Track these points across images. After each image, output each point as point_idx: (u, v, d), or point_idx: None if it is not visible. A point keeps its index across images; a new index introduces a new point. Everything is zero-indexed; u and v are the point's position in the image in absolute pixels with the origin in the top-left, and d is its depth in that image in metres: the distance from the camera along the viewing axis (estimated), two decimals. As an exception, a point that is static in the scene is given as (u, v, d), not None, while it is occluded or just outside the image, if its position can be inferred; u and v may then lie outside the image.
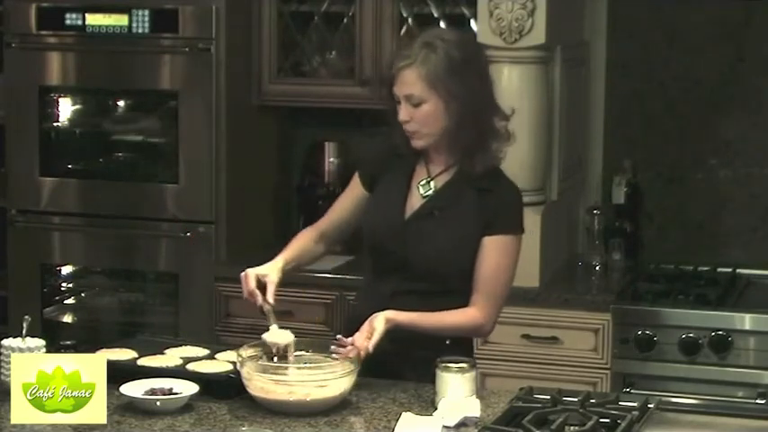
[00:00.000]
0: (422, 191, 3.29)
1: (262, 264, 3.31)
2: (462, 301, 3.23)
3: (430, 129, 3.18)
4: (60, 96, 4.97)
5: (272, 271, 3.25)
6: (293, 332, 3.16)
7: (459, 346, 3.25)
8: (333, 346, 3.11)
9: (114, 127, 5.01)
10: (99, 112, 5.03)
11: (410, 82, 3.15)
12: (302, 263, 3.41)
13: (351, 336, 3.12)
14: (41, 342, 3.08)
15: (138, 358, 3.25)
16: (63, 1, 4.83)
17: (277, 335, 3.12)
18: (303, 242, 3.42)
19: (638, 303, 4.31)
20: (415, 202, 3.28)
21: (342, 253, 4.51)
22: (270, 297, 3.21)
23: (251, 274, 3.23)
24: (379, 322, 3.10)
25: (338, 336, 3.13)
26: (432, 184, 3.28)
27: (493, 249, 3.22)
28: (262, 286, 3.22)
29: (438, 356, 3.06)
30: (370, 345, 3.06)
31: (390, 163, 3.34)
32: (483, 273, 3.22)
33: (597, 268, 4.66)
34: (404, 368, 3.23)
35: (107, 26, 4.79)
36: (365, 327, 3.10)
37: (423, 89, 3.14)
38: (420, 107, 3.16)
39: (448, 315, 3.22)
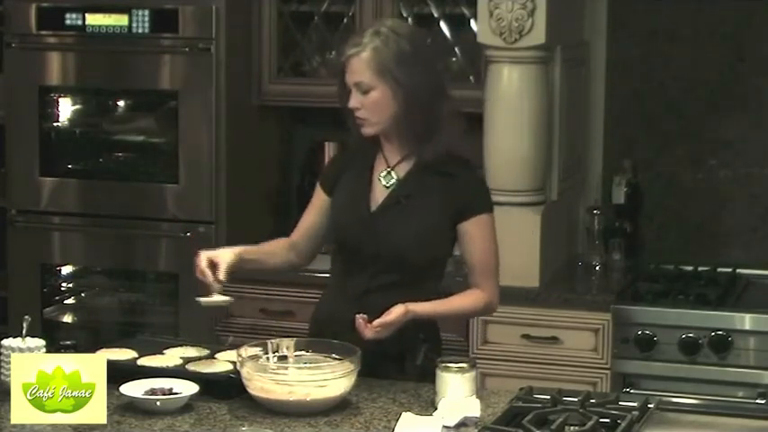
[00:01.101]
0: (384, 182, 3.34)
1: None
2: (433, 288, 3.29)
3: (378, 116, 3.26)
4: (60, 96, 4.97)
5: (225, 252, 3.31)
6: (294, 333, 3.16)
7: (431, 339, 3.34)
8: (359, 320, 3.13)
9: (114, 127, 5.01)
10: (99, 112, 5.04)
11: (360, 69, 3.23)
12: (266, 262, 3.48)
13: (317, 335, 3.22)
14: (41, 342, 3.08)
15: (138, 358, 3.25)
16: (63, 1, 4.83)
17: (214, 298, 3.22)
18: (273, 245, 3.50)
19: (638, 303, 4.31)
20: (379, 194, 3.34)
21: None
22: (221, 274, 3.26)
23: (203, 255, 3.29)
24: (397, 313, 3.14)
25: (359, 315, 3.14)
26: (393, 174, 3.34)
27: (477, 232, 3.30)
28: (215, 266, 3.28)
29: (412, 350, 3.19)
30: (383, 333, 3.12)
31: (348, 163, 3.42)
32: (476, 256, 3.31)
33: (597, 268, 4.66)
34: (381, 365, 3.23)
35: (107, 26, 4.79)
36: (385, 316, 3.13)
37: (371, 77, 3.22)
38: (368, 94, 3.24)
39: (458, 300, 3.31)
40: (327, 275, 4.39)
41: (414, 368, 3.28)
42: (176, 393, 2.99)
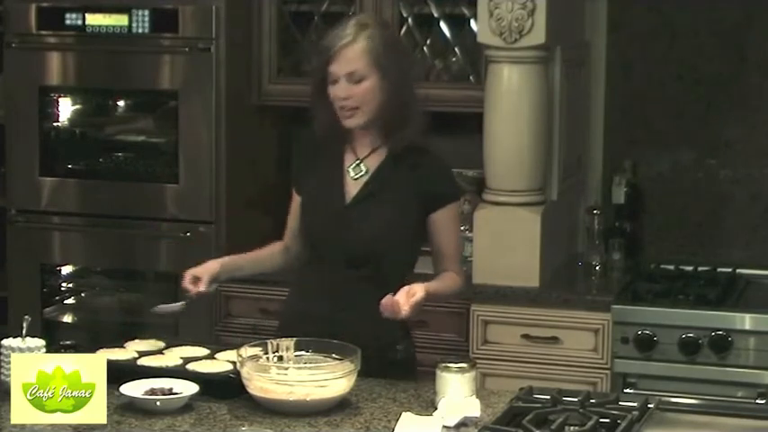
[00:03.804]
0: (353, 174, 3.38)
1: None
2: (403, 280, 3.29)
3: (369, 105, 3.30)
4: (60, 96, 4.97)
5: (210, 264, 3.40)
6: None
7: (407, 334, 3.43)
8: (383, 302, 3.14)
9: (114, 127, 5.01)
10: (99, 112, 5.04)
11: (353, 58, 3.27)
12: (260, 269, 3.55)
13: (288, 333, 3.22)
14: (41, 342, 3.08)
15: (138, 358, 3.25)
16: (63, 1, 4.83)
17: (168, 305, 3.32)
18: (268, 250, 3.56)
19: (638, 303, 4.31)
20: (350, 187, 3.36)
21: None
22: (202, 285, 3.32)
23: (188, 273, 3.36)
24: (419, 289, 3.17)
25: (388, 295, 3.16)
26: (362, 166, 3.37)
27: (446, 220, 3.38)
28: (198, 281, 3.36)
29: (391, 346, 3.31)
30: (410, 309, 3.14)
31: (310, 159, 3.47)
32: (448, 244, 3.39)
33: (597, 268, 4.66)
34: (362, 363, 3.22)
35: (107, 26, 4.79)
36: (403, 291, 3.16)
37: (365, 65, 3.28)
38: (360, 83, 3.28)
39: (445, 282, 3.39)
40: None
41: (395, 363, 3.33)
42: (176, 393, 2.99)
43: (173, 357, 3.26)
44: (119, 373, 3.01)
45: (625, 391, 4.18)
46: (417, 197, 3.33)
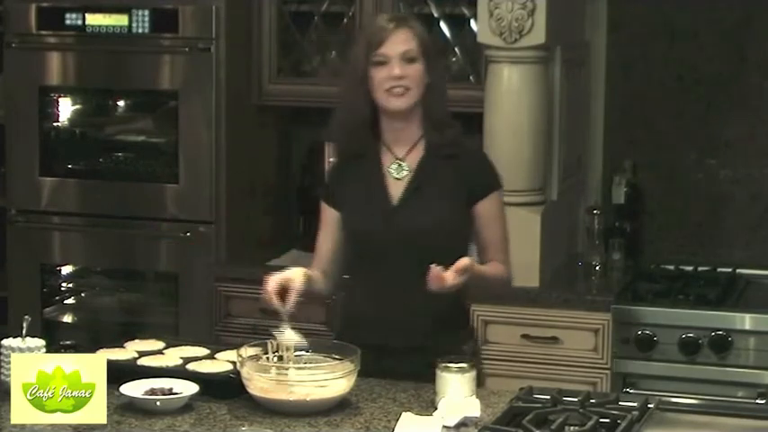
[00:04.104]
0: (395, 174, 3.34)
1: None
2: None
3: (418, 88, 3.28)
4: (60, 96, 4.97)
5: (296, 276, 3.22)
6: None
7: (471, 335, 3.43)
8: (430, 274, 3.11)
9: (114, 127, 5.01)
10: (99, 112, 5.04)
11: (407, 39, 3.28)
12: (319, 288, 3.39)
13: (347, 338, 3.19)
14: (41, 342, 3.08)
15: (138, 358, 3.25)
16: (63, 1, 4.83)
17: (289, 336, 3.11)
18: (314, 273, 3.38)
19: (638, 303, 4.31)
20: (394, 188, 3.33)
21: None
22: (290, 304, 3.18)
23: (273, 280, 3.20)
24: (466, 261, 3.14)
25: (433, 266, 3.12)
26: (404, 165, 3.34)
27: (491, 210, 3.35)
28: (282, 291, 3.20)
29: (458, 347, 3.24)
30: (455, 281, 3.10)
31: (346, 170, 3.40)
32: (494, 235, 3.35)
33: (597, 268, 4.66)
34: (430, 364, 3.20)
35: (107, 26, 4.79)
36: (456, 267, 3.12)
37: (416, 47, 3.28)
38: (413, 64, 3.27)
39: (493, 269, 3.34)
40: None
41: None
42: (176, 393, 2.99)
43: (173, 357, 3.26)
44: (119, 373, 3.01)
45: (625, 390, 4.18)
46: (461, 189, 3.31)
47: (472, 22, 4.66)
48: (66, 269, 5.11)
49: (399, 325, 3.27)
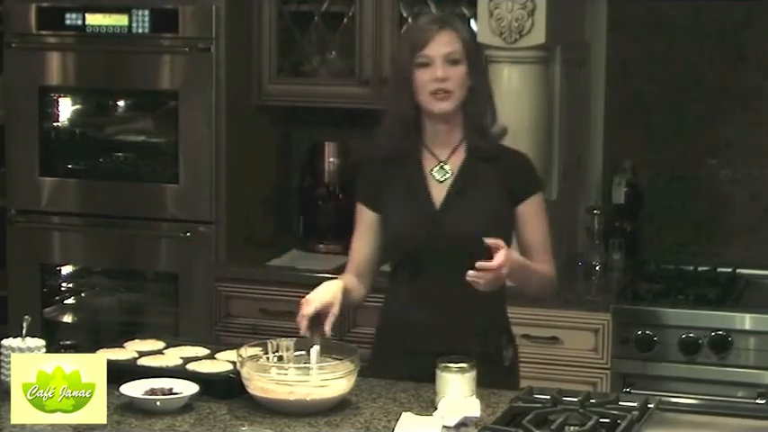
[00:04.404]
0: (438, 176, 3.32)
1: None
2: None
3: (461, 90, 3.27)
4: (60, 96, 4.97)
5: (335, 302, 3.16)
6: (294, 333, 3.16)
7: (512, 341, 3.43)
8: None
9: (114, 127, 5.01)
10: (99, 112, 5.04)
11: (451, 41, 3.26)
12: (354, 299, 3.36)
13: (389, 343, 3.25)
14: (41, 342, 3.08)
15: (138, 358, 3.25)
16: (63, 1, 4.83)
17: (314, 355, 3.08)
18: (351, 280, 3.35)
19: (638, 303, 4.31)
20: (437, 191, 3.31)
21: (342, 253, 4.51)
22: (327, 327, 3.13)
23: (311, 304, 3.14)
24: (512, 253, 3.15)
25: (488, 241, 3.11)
26: (446, 167, 3.32)
27: (532, 213, 3.34)
28: (320, 316, 3.15)
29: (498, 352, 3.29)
30: (500, 269, 3.08)
31: (386, 173, 3.37)
32: (535, 236, 3.34)
33: (597, 268, 4.66)
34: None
35: (107, 26, 4.79)
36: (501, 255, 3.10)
37: (459, 49, 3.26)
38: (457, 66, 3.25)
39: (537, 265, 3.32)
40: (327, 275, 4.37)
41: (501, 369, 3.30)
42: (176, 393, 2.99)
43: (173, 357, 3.26)
44: (119, 373, 3.01)
45: (625, 390, 4.18)
46: (504, 191, 3.30)
47: (472, 22, 4.66)
48: (66, 269, 5.11)
49: (440, 329, 3.25)
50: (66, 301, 5.15)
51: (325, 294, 3.17)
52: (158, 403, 2.96)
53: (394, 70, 3.38)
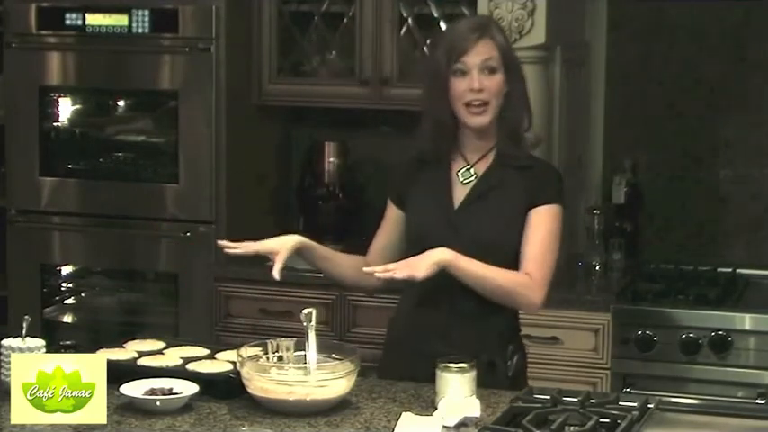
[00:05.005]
0: (462, 178, 3.32)
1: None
2: None
3: (497, 100, 3.25)
4: (60, 96, 4.97)
5: (282, 250, 3.29)
6: (294, 333, 3.16)
7: (520, 349, 3.38)
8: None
9: (114, 127, 5.01)
10: (99, 112, 5.04)
11: (489, 50, 3.24)
12: (335, 266, 3.43)
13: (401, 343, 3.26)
14: (41, 342, 3.08)
15: (138, 358, 3.25)
16: (63, 1, 4.83)
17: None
18: (349, 257, 3.45)
19: (638, 303, 4.31)
20: (459, 192, 3.31)
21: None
22: (276, 273, 3.24)
23: (256, 245, 3.30)
24: (438, 255, 3.12)
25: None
26: (472, 170, 3.32)
27: (539, 219, 3.28)
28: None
29: (503, 360, 3.27)
30: (421, 274, 3.09)
31: (416, 170, 3.37)
32: (528, 246, 3.25)
33: (597, 268, 4.66)
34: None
35: (107, 26, 4.79)
36: (422, 256, 3.12)
37: (497, 57, 3.24)
38: (494, 75, 3.24)
39: (502, 272, 3.21)
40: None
41: (505, 378, 3.28)
42: (176, 393, 2.99)
43: (173, 357, 3.25)
44: (119, 373, 3.01)
45: (625, 390, 4.18)
46: (523, 198, 3.27)
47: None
48: (66, 269, 5.11)
49: (448, 332, 3.25)
50: (66, 301, 5.15)
51: (276, 242, 3.31)
52: (158, 403, 2.95)
53: (429, 74, 3.33)
